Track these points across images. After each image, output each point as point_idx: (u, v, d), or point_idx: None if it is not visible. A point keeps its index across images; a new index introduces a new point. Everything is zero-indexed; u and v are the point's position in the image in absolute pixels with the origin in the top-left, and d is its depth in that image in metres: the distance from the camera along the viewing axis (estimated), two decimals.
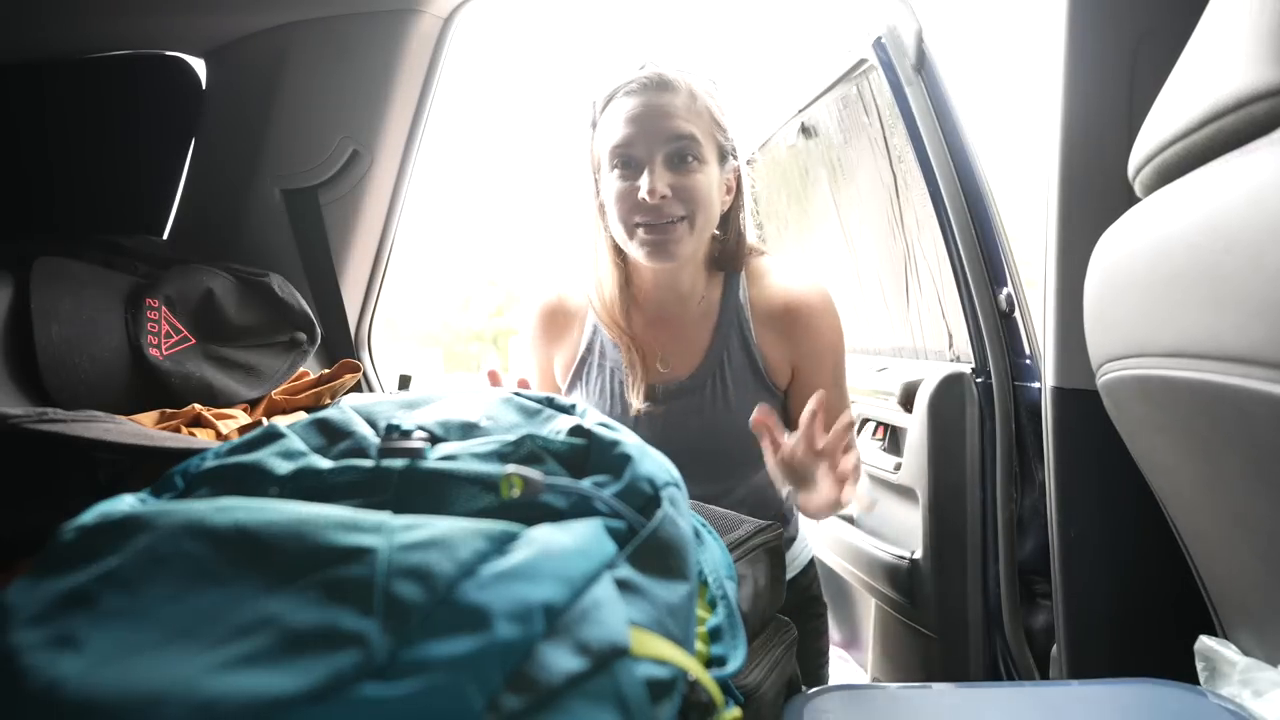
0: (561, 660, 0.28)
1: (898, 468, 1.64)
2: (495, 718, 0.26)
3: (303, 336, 1.27)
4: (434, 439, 0.45)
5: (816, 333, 1.04)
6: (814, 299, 1.05)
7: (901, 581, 1.58)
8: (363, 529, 0.32)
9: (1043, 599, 1.41)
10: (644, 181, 0.95)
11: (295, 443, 0.44)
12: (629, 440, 0.43)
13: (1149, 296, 0.66)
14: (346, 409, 0.48)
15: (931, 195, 1.47)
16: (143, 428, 0.81)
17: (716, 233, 1.05)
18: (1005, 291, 1.44)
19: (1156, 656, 0.76)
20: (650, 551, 0.37)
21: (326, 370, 1.22)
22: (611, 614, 0.31)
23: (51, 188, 1.26)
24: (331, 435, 0.46)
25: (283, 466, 0.41)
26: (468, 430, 0.47)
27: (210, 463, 0.43)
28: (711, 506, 0.72)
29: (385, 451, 0.42)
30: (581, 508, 0.38)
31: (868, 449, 1.80)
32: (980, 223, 1.43)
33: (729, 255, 1.07)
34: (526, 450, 0.43)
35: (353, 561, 0.30)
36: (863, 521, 1.80)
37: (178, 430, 0.98)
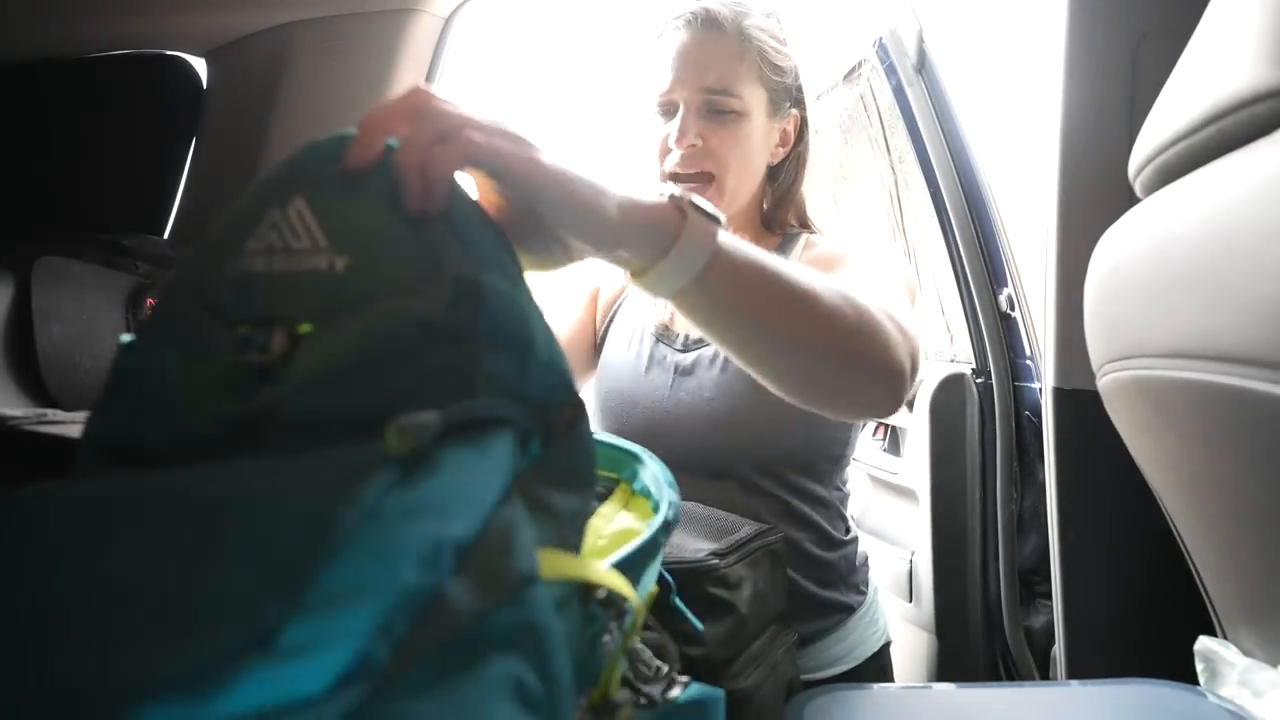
0: (468, 598, 0.27)
1: (898, 468, 1.64)
2: (400, 667, 0.24)
3: None
4: None
5: (859, 255, 0.85)
6: (863, 246, 0.89)
7: (901, 581, 1.58)
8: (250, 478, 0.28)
9: (1043, 599, 1.41)
10: (673, 128, 0.86)
11: None
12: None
13: (1149, 297, 0.66)
14: None
15: (931, 195, 1.47)
16: None
17: (768, 188, 0.95)
18: (1005, 292, 1.44)
19: (1156, 656, 0.76)
20: (558, 461, 0.35)
21: None
22: (520, 540, 0.30)
23: (52, 188, 1.26)
24: None
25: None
26: None
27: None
28: (711, 508, 0.71)
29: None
30: (488, 412, 0.33)
31: (868, 449, 1.80)
32: (980, 223, 1.43)
33: (779, 211, 0.95)
34: None
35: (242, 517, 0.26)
36: (862, 522, 1.80)
37: None
